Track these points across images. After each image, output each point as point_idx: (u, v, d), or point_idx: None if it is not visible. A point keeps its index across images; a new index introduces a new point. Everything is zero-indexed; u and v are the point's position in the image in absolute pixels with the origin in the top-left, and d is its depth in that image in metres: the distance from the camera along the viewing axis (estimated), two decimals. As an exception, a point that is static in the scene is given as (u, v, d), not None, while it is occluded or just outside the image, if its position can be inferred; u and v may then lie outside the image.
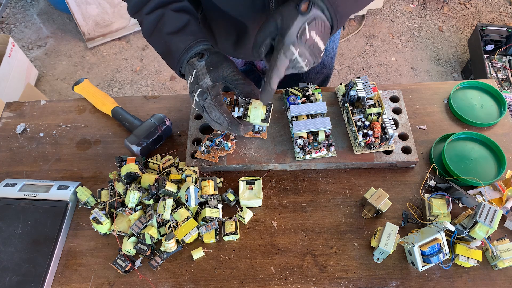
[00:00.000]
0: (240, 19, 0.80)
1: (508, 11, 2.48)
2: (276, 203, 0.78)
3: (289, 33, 0.59)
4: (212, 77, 0.66)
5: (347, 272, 0.70)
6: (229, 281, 0.69)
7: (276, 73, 0.61)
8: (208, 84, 0.66)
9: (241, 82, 0.68)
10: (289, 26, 0.59)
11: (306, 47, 0.60)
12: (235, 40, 0.86)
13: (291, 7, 0.60)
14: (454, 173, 0.77)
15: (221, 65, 0.67)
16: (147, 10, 0.70)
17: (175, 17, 0.69)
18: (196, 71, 0.67)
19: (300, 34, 0.59)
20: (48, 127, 0.91)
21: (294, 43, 0.59)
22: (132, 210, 0.72)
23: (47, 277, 0.69)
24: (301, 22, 0.59)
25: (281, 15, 0.60)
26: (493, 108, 0.89)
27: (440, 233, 0.65)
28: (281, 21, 0.60)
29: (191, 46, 0.68)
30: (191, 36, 0.68)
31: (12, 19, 2.51)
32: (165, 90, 2.21)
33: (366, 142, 0.78)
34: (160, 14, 0.69)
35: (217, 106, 0.65)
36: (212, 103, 0.65)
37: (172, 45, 0.69)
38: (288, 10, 0.60)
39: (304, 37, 0.59)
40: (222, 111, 0.66)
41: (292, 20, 0.59)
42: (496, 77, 1.95)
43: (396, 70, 2.26)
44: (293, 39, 0.59)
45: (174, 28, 0.69)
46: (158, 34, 0.70)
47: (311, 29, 0.59)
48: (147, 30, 0.72)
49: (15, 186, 0.78)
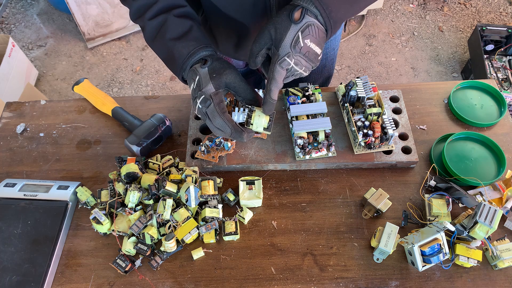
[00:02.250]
0: (241, 21, 0.80)
1: (508, 11, 2.48)
2: (276, 203, 0.78)
3: (283, 45, 0.60)
4: (215, 84, 0.65)
5: (347, 272, 0.70)
6: (229, 281, 0.69)
7: (275, 85, 0.62)
8: (211, 91, 0.66)
9: (243, 89, 0.67)
10: (282, 38, 0.59)
11: (301, 55, 0.60)
12: (236, 42, 0.86)
13: (284, 16, 0.60)
14: (454, 173, 0.77)
15: (224, 72, 0.66)
16: (150, 16, 0.70)
17: (177, 22, 0.69)
18: (199, 78, 0.66)
19: (293, 44, 0.59)
20: (48, 127, 0.91)
21: (289, 54, 0.60)
22: (132, 210, 0.72)
23: (47, 277, 0.69)
24: (295, 32, 0.59)
25: (275, 26, 0.60)
26: (493, 108, 0.89)
27: (440, 233, 0.65)
28: (275, 32, 0.60)
29: (194, 52, 0.67)
30: (194, 42, 0.68)
31: (12, 19, 2.51)
32: (165, 90, 2.21)
33: (366, 142, 0.78)
34: (163, 20, 0.69)
35: (220, 114, 0.65)
36: (215, 111, 0.65)
37: (175, 51, 0.68)
38: (281, 20, 0.60)
39: (298, 46, 0.60)
40: (225, 118, 0.65)
41: (286, 31, 0.59)
42: (496, 77, 1.95)
43: (396, 70, 2.26)
44: (287, 50, 0.60)
45: (177, 34, 0.68)
46: (161, 39, 0.69)
47: (305, 37, 0.60)
48: (149, 35, 0.71)
49: (15, 186, 0.78)
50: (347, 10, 0.63)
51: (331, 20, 0.60)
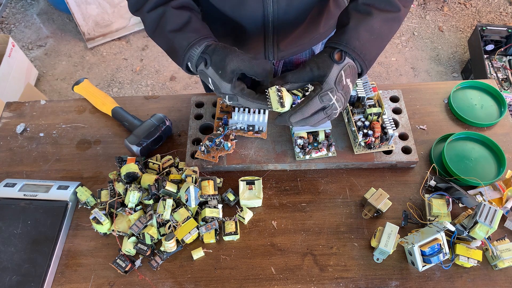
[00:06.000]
0: (237, 21, 0.80)
1: (508, 11, 2.48)
2: (276, 203, 0.78)
3: (328, 80, 0.64)
4: (226, 79, 0.66)
5: (347, 272, 0.70)
6: (229, 281, 0.69)
7: (301, 113, 0.65)
8: (228, 87, 0.66)
9: (249, 68, 0.67)
10: (326, 74, 0.64)
11: (342, 92, 0.65)
12: (233, 41, 0.87)
13: (325, 57, 0.65)
14: (454, 173, 0.77)
15: (224, 63, 0.66)
16: (148, 8, 0.70)
17: (176, 14, 0.69)
18: (211, 80, 0.67)
19: (337, 81, 0.64)
20: (48, 127, 0.91)
21: (332, 90, 0.64)
22: (132, 210, 0.72)
23: (47, 277, 0.69)
24: (338, 70, 0.64)
25: (317, 64, 0.65)
26: (493, 108, 0.89)
27: (440, 233, 0.65)
28: (317, 69, 0.65)
29: (194, 44, 0.67)
30: (194, 34, 0.68)
31: (12, 19, 2.51)
32: (165, 90, 2.21)
33: (366, 142, 0.78)
34: (162, 12, 0.69)
35: (251, 99, 0.66)
36: (246, 100, 0.66)
37: (175, 43, 0.69)
38: (323, 59, 0.65)
39: (341, 84, 0.64)
40: (257, 99, 0.66)
41: (329, 68, 0.64)
42: (496, 77, 1.95)
43: (396, 70, 2.26)
44: (331, 86, 0.64)
45: (176, 26, 0.69)
46: (161, 32, 0.70)
47: (346, 76, 0.65)
48: (149, 28, 0.72)
49: (15, 186, 0.78)
50: (378, 48, 0.70)
51: (366, 61, 0.67)
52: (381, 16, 0.68)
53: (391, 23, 0.70)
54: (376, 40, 0.68)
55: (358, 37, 0.66)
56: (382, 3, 0.68)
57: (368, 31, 0.67)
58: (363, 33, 0.66)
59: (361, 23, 0.67)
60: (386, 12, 0.68)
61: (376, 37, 0.68)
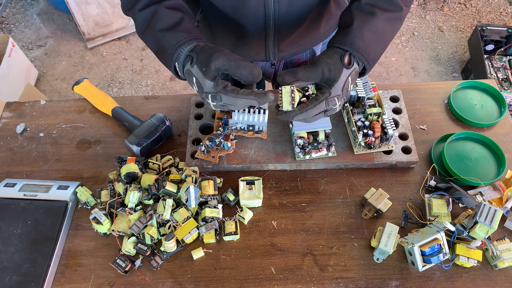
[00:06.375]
0: (238, 21, 0.80)
1: (508, 11, 2.48)
2: (276, 203, 0.78)
3: (336, 86, 0.65)
4: (209, 76, 0.64)
5: (347, 272, 0.70)
6: (229, 281, 0.69)
7: (306, 114, 0.66)
8: (210, 85, 0.65)
9: (235, 68, 0.64)
10: (336, 79, 0.65)
11: (344, 96, 0.67)
12: (234, 41, 0.87)
13: (336, 59, 0.66)
14: (454, 173, 0.77)
15: (210, 60, 0.64)
16: (140, 7, 0.69)
17: (168, 13, 0.69)
18: (195, 79, 0.66)
19: (345, 87, 0.66)
20: (48, 127, 0.91)
21: (339, 96, 0.66)
22: (132, 210, 0.72)
23: (47, 277, 0.69)
24: (346, 76, 0.66)
25: (328, 66, 0.65)
26: (493, 108, 0.89)
27: (440, 233, 0.65)
28: (329, 72, 0.65)
29: (183, 43, 0.66)
30: (184, 33, 0.67)
31: (12, 19, 2.51)
32: (165, 90, 2.21)
33: (366, 142, 0.78)
34: (153, 11, 0.69)
35: (236, 95, 0.64)
36: (231, 96, 0.64)
37: (164, 42, 0.68)
38: (334, 62, 0.66)
39: (346, 89, 0.67)
40: (243, 95, 0.64)
41: (339, 73, 0.65)
42: (496, 77, 1.95)
43: (396, 70, 2.26)
44: (338, 92, 0.66)
45: (167, 25, 0.68)
46: (151, 31, 0.69)
47: (352, 81, 0.67)
48: (140, 27, 0.71)
49: (15, 186, 0.78)
50: (381, 48, 0.70)
51: (370, 61, 0.68)
52: (384, 16, 0.68)
53: (394, 22, 0.70)
54: (379, 40, 0.69)
55: (362, 37, 0.66)
56: (385, 3, 0.69)
57: (372, 31, 0.67)
58: (367, 33, 0.67)
59: (365, 23, 0.67)
60: (389, 12, 0.69)
61: (379, 37, 0.68)
